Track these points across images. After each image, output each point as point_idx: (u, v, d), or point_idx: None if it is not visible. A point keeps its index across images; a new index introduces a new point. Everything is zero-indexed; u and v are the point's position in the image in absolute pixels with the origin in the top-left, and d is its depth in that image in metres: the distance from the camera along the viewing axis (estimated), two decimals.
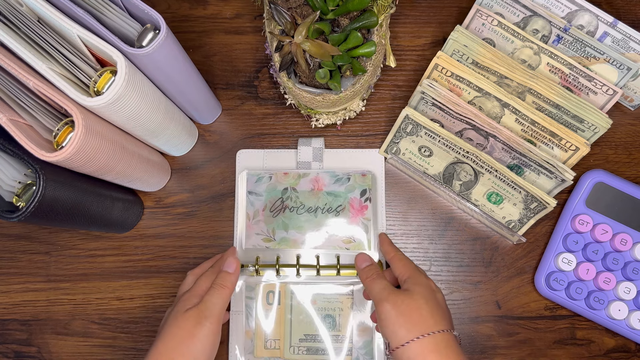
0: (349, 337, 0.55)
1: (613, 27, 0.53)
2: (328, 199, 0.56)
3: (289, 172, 0.57)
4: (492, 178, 0.54)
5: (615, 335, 0.56)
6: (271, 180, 0.57)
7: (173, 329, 0.45)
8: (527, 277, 0.57)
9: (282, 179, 0.57)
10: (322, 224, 0.56)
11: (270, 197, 0.57)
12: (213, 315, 0.46)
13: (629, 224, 0.55)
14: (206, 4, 0.63)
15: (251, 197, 0.57)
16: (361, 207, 0.56)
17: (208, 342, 0.45)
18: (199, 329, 0.45)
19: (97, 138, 0.42)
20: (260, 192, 0.57)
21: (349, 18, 0.51)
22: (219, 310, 0.46)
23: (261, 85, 0.61)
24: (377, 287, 0.47)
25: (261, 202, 0.57)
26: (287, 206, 0.57)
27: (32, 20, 0.41)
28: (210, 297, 0.47)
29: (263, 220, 0.57)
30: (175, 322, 0.46)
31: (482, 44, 0.53)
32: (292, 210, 0.56)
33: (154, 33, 0.42)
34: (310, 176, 0.57)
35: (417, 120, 0.53)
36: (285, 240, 0.56)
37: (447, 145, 0.54)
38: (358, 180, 0.56)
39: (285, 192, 0.57)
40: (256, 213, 0.57)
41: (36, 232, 0.59)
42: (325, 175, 0.57)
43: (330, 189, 0.57)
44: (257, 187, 0.57)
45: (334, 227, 0.56)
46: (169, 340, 0.45)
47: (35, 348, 0.57)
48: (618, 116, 0.59)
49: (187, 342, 0.45)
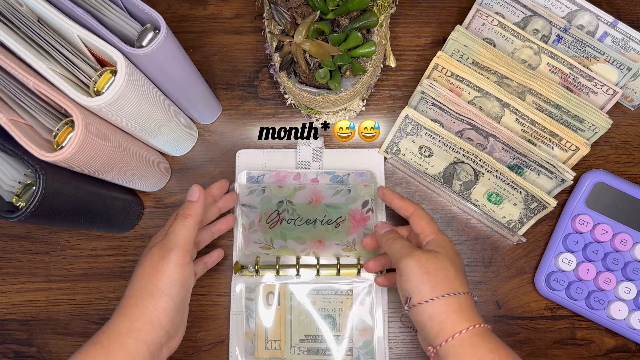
0: (349, 337, 0.55)
1: (613, 27, 0.53)
2: (327, 211, 0.56)
3: (283, 185, 0.56)
4: (492, 178, 0.54)
5: (615, 335, 0.56)
6: (264, 194, 0.56)
7: (139, 269, 0.44)
8: (527, 277, 0.57)
9: (276, 192, 0.56)
10: (321, 234, 0.56)
11: (265, 209, 0.56)
12: (178, 247, 0.44)
13: (629, 224, 0.55)
14: (206, 4, 0.63)
15: (245, 209, 0.56)
16: (362, 219, 0.55)
17: (175, 275, 0.43)
18: (163, 262, 0.43)
19: (97, 138, 0.42)
20: (254, 205, 0.56)
21: (349, 18, 0.51)
22: (184, 240, 0.44)
23: (261, 85, 0.61)
24: (398, 245, 0.47)
25: (256, 214, 0.56)
26: (283, 218, 0.56)
27: (32, 20, 0.41)
28: (173, 229, 0.45)
29: (260, 230, 0.56)
30: (142, 262, 0.45)
31: (482, 44, 0.53)
32: (290, 222, 0.56)
33: (154, 33, 0.42)
34: (308, 189, 0.56)
35: (417, 120, 0.53)
36: (285, 249, 0.56)
37: (447, 145, 0.54)
38: (360, 192, 0.55)
39: (280, 205, 0.56)
40: (252, 224, 0.56)
41: (36, 232, 0.59)
42: (323, 187, 0.56)
43: (329, 201, 0.55)
44: (251, 200, 0.56)
45: (334, 238, 0.56)
46: (136, 282, 0.44)
47: (35, 348, 0.57)
48: (618, 116, 0.59)
49: (153, 279, 0.43)
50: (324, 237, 0.55)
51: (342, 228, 0.55)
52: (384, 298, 0.56)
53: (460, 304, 0.42)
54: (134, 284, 0.44)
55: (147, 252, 0.46)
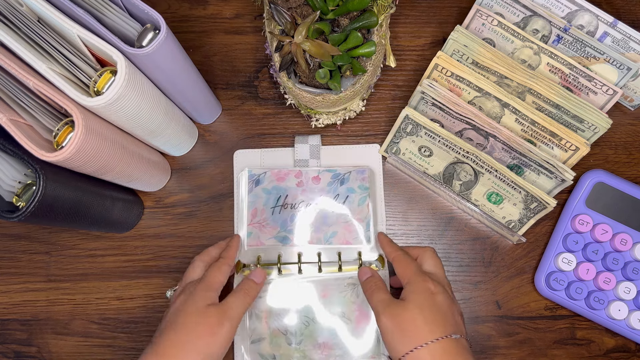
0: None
1: (613, 27, 0.53)
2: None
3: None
4: (492, 178, 0.54)
5: (615, 335, 0.56)
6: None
7: (191, 322, 0.45)
8: (527, 277, 0.57)
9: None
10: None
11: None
12: (234, 318, 0.46)
13: (629, 224, 0.55)
14: (206, 4, 0.63)
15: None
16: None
17: (225, 343, 0.45)
18: (220, 328, 0.44)
19: (97, 138, 0.42)
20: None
21: (349, 18, 0.51)
22: (239, 315, 0.47)
23: (261, 85, 0.61)
24: (375, 300, 0.47)
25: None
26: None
27: (32, 20, 0.41)
28: (235, 300, 0.47)
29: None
30: (195, 316, 0.45)
31: (482, 44, 0.53)
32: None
33: (154, 33, 0.42)
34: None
35: (417, 120, 0.53)
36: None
37: (447, 145, 0.54)
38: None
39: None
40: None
41: (36, 232, 0.59)
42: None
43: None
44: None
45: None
46: (184, 333, 0.44)
47: (35, 348, 0.57)
48: (618, 116, 0.59)
49: (206, 338, 0.44)
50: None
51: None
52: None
53: (433, 352, 0.41)
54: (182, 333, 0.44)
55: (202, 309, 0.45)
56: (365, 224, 0.56)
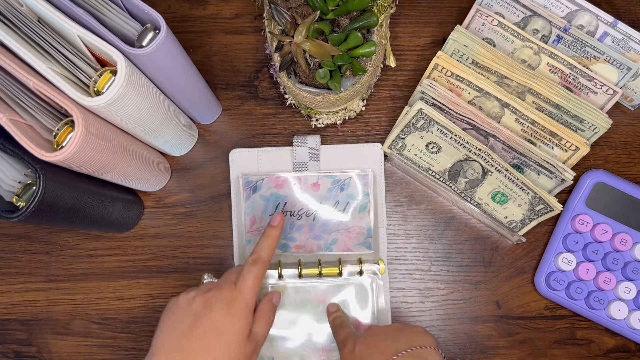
0: None
1: (613, 27, 0.53)
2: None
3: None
4: (501, 178, 0.54)
5: (615, 335, 0.56)
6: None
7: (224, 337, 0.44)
8: (527, 277, 0.57)
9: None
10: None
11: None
12: (262, 343, 0.47)
13: (629, 224, 0.55)
14: (206, 4, 0.63)
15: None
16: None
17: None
18: (252, 350, 0.45)
19: (97, 138, 0.42)
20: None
21: (349, 18, 0.51)
22: (265, 338, 0.48)
23: (261, 85, 0.61)
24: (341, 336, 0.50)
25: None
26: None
27: (32, 20, 0.41)
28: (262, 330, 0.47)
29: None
30: (224, 328, 0.44)
31: (482, 44, 0.53)
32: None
33: (154, 33, 0.42)
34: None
35: (431, 115, 0.52)
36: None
37: (458, 142, 0.53)
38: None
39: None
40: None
41: (36, 232, 0.59)
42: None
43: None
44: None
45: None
46: (217, 346, 0.44)
47: (35, 348, 0.57)
48: (618, 116, 0.59)
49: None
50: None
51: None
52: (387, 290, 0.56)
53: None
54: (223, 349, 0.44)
55: (222, 311, 0.45)
56: (366, 230, 0.56)
